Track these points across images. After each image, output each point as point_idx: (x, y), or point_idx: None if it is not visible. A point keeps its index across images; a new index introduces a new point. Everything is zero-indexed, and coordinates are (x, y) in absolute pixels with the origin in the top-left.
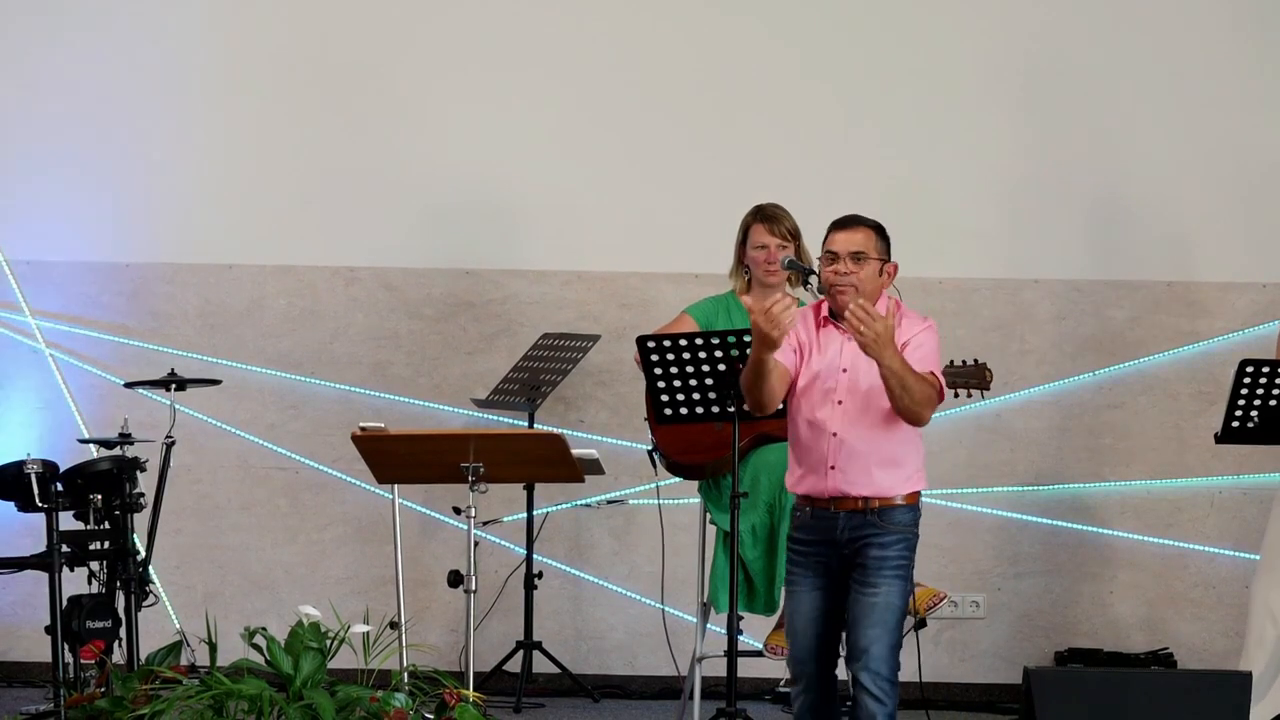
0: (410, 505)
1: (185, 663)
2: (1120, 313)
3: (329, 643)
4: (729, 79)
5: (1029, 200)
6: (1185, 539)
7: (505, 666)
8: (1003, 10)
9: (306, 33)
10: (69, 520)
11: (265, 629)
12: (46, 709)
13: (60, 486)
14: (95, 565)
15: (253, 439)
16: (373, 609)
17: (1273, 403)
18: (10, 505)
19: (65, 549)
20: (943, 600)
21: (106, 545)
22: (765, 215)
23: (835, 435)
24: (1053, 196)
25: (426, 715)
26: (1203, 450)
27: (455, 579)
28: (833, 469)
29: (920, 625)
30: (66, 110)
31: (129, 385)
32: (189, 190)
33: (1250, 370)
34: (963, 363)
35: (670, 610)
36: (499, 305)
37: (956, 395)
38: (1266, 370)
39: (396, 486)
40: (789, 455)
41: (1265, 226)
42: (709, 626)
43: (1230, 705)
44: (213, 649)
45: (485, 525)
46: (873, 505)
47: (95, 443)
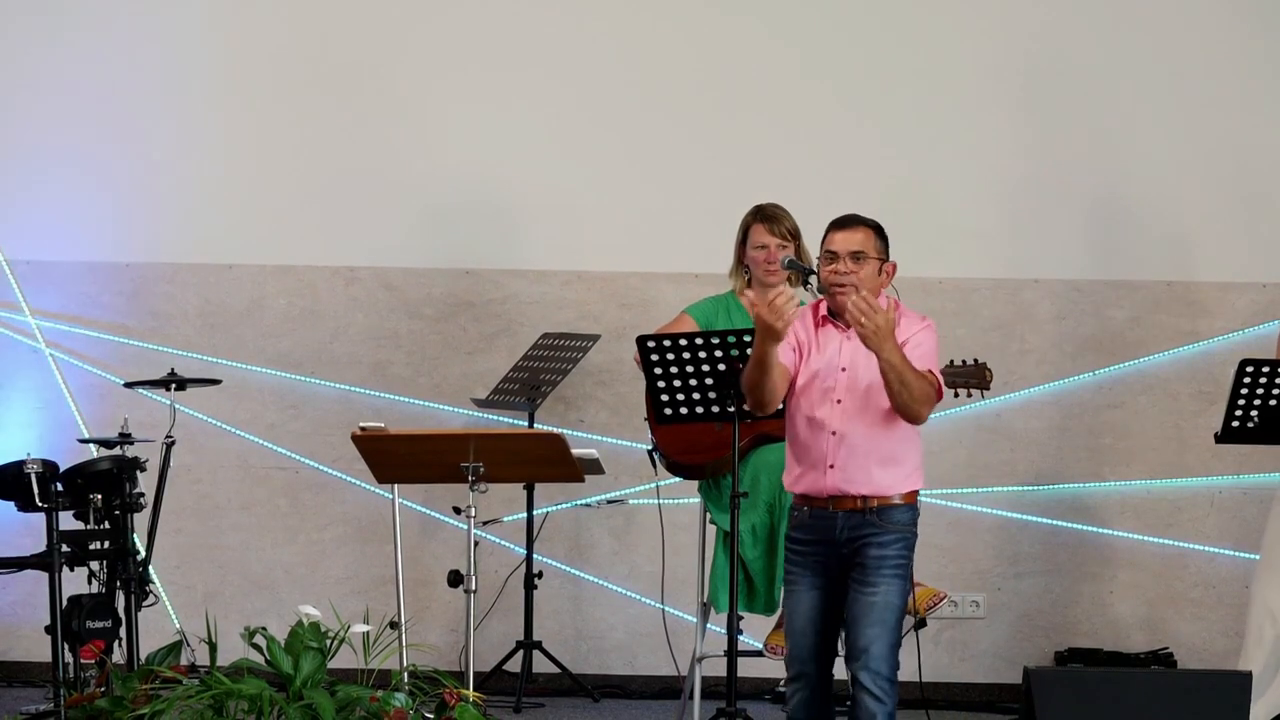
0: (410, 505)
1: (185, 663)
2: (1120, 313)
3: (329, 643)
4: (729, 79)
5: (1029, 200)
6: (1185, 539)
7: (505, 666)
8: (1003, 10)
9: (306, 33)
10: (69, 520)
11: (265, 629)
12: (46, 709)
13: (60, 486)
14: (95, 565)
15: (253, 439)
16: (373, 609)
17: (1273, 402)
18: (10, 505)
19: (65, 549)
20: (943, 600)
21: (106, 545)
22: (765, 215)
23: (834, 433)
24: (1053, 196)
25: (426, 715)
26: (1203, 450)
27: (455, 579)
28: (832, 467)
29: (920, 625)
30: (67, 110)
31: (129, 385)
32: (189, 190)
33: (1250, 370)
34: (963, 362)
35: (670, 610)
36: (499, 305)
37: (956, 395)
38: (1266, 370)
39: (396, 486)
40: (787, 454)
41: (1265, 226)
42: (709, 626)
43: (1230, 705)
44: (213, 649)
45: (485, 525)
46: (871, 505)
47: (95, 442)
